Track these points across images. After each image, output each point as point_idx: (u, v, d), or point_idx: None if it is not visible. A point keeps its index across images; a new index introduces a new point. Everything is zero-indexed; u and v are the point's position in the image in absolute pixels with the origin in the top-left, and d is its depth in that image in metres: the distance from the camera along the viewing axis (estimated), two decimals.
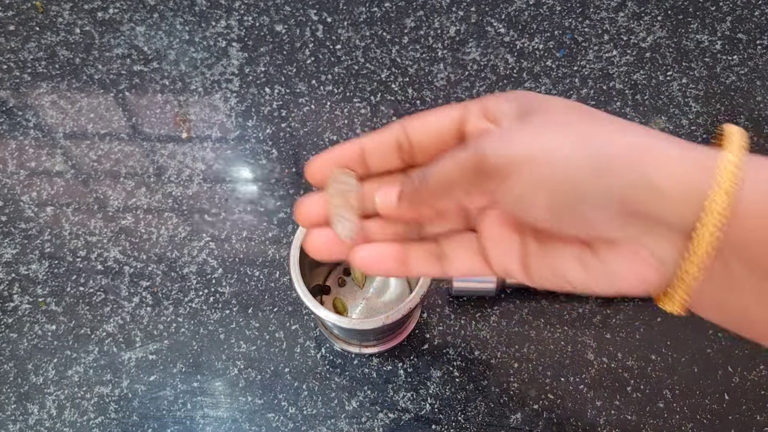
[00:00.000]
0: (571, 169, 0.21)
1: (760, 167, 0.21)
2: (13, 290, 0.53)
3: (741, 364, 0.50)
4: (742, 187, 0.20)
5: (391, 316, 0.40)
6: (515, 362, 0.50)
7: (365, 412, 0.49)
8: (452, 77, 0.62)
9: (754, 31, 0.64)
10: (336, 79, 0.62)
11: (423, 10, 0.65)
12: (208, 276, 0.53)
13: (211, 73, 0.62)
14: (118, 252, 0.55)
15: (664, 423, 0.48)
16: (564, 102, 0.25)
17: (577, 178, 0.21)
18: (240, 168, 0.58)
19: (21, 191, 0.57)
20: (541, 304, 0.52)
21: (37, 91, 0.62)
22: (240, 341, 0.51)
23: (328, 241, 0.28)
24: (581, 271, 0.24)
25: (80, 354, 0.51)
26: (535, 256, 0.26)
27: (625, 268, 0.23)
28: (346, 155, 0.28)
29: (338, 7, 0.65)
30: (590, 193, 0.21)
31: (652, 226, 0.22)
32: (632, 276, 0.23)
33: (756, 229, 0.20)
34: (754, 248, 0.20)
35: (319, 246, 0.28)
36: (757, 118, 0.59)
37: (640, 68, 0.62)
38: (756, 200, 0.20)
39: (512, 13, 0.65)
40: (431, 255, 0.28)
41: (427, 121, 0.27)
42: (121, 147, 0.59)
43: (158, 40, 0.64)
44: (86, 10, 0.66)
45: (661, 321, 0.51)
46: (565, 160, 0.22)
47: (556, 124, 0.23)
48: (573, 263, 0.24)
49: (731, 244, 0.20)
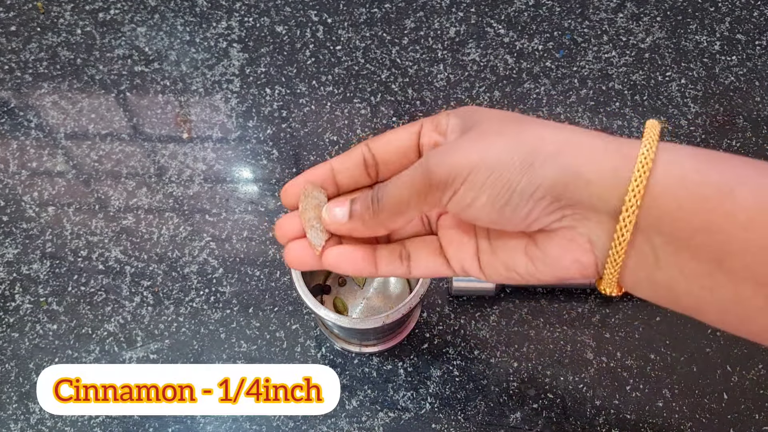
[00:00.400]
0: (505, 169, 0.24)
1: (672, 153, 0.23)
2: (15, 290, 0.53)
3: (740, 364, 0.50)
4: (656, 171, 0.23)
5: (391, 315, 0.41)
6: (515, 362, 0.50)
7: (365, 411, 0.49)
8: (452, 78, 0.62)
9: (752, 31, 0.64)
10: (336, 79, 0.62)
11: (423, 11, 0.65)
12: (209, 276, 0.54)
13: (211, 74, 0.62)
14: (119, 252, 0.55)
15: (663, 422, 0.48)
16: (503, 113, 0.27)
17: (511, 176, 0.24)
18: (241, 168, 0.58)
19: (22, 191, 0.57)
20: (541, 303, 0.52)
21: (39, 92, 0.62)
22: (240, 341, 0.51)
23: (303, 251, 0.30)
24: (528, 263, 0.27)
25: (81, 353, 0.51)
26: (487, 253, 0.28)
27: (564, 254, 0.26)
28: (318, 176, 0.31)
29: (338, 8, 0.66)
30: (524, 188, 0.24)
31: (583, 213, 0.24)
32: (570, 261, 0.26)
33: (670, 206, 0.23)
34: (669, 224, 0.23)
35: (296, 256, 0.31)
36: (756, 118, 0.60)
37: (639, 69, 0.62)
38: (668, 183, 0.23)
39: (512, 13, 0.65)
40: (397, 256, 0.30)
41: (388, 139, 0.30)
42: (122, 147, 0.59)
43: (159, 40, 0.64)
44: (87, 10, 0.66)
45: (660, 320, 0.52)
46: (499, 161, 0.24)
47: (492, 132, 0.25)
48: (520, 256, 0.27)
49: (650, 222, 0.23)
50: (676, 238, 0.23)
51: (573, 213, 0.25)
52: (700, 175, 0.22)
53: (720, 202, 0.22)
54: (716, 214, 0.22)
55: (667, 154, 0.23)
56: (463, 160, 0.25)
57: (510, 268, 0.28)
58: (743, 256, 0.22)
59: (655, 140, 0.23)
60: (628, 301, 0.52)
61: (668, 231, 0.23)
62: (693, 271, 0.23)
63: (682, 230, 0.23)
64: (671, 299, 0.25)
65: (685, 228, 0.23)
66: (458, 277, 0.47)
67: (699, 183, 0.22)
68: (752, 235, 0.21)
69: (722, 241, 0.22)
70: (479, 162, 0.24)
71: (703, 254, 0.23)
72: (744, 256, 0.22)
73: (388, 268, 0.30)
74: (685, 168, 0.23)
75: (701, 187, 0.22)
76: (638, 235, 0.24)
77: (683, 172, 0.23)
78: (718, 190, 0.22)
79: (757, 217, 0.21)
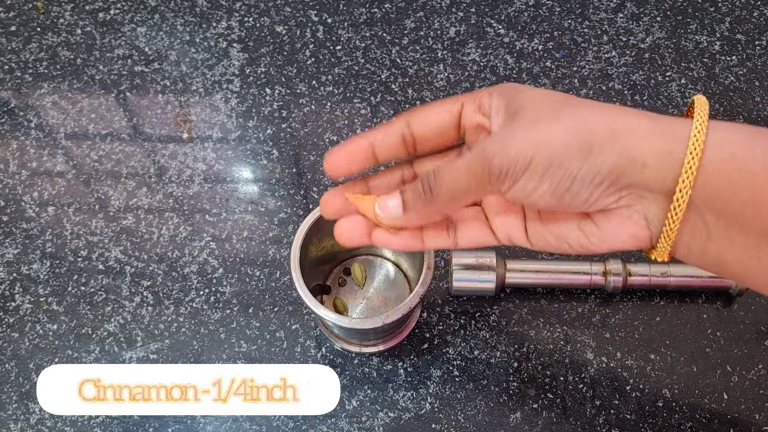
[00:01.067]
0: (565, 158, 0.24)
1: (721, 131, 0.24)
2: (15, 290, 0.53)
3: (740, 364, 0.50)
4: (707, 151, 0.24)
5: (391, 315, 0.41)
6: (515, 362, 0.50)
7: (365, 411, 0.49)
8: (452, 78, 0.62)
9: (752, 31, 0.64)
10: (336, 79, 0.62)
11: (423, 11, 0.65)
12: (209, 276, 0.54)
13: (211, 74, 0.63)
14: (120, 252, 0.55)
15: (663, 422, 0.48)
16: (546, 93, 0.27)
17: (571, 164, 0.25)
18: (241, 168, 0.58)
19: (22, 191, 0.57)
20: (541, 303, 0.52)
21: (39, 92, 0.62)
22: (241, 341, 0.51)
23: (353, 228, 0.31)
24: (581, 236, 0.28)
25: (81, 353, 0.51)
26: (536, 224, 0.29)
27: (621, 230, 0.27)
28: (358, 149, 0.30)
29: (338, 8, 0.66)
30: (585, 175, 0.25)
31: (639, 192, 0.25)
32: (626, 235, 0.27)
33: (721, 183, 0.24)
34: (721, 200, 0.24)
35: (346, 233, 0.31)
36: (756, 118, 0.60)
37: (639, 69, 0.62)
38: (719, 162, 0.24)
39: (512, 13, 0.65)
40: (443, 228, 0.31)
41: (428, 116, 0.30)
42: (122, 147, 0.59)
43: (159, 40, 0.64)
44: (87, 10, 0.66)
45: (660, 320, 0.52)
46: (559, 149, 0.24)
47: (546, 117, 0.25)
48: (574, 230, 0.28)
49: (704, 200, 0.24)
50: (726, 213, 0.24)
51: (629, 193, 0.25)
52: (748, 152, 0.23)
53: (766, 177, 0.23)
54: (764, 189, 0.23)
55: (717, 134, 0.24)
56: (523, 150, 0.25)
57: (561, 240, 0.28)
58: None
59: (705, 119, 0.24)
60: (628, 301, 0.52)
61: (720, 207, 0.24)
62: (742, 242, 0.24)
63: (733, 205, 0.24)
64: (719, 267, 0.26)
65: (735, 203, 0.24)
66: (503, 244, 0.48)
67: (747, 160, 0.23)
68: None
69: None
70: (539, 151, 0.24)
71: (751, 227, 0.24)
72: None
73: (435, 242, 0.31)
74: (734, 145, 0.24)
75: (749, 163, 0.23)
76: (691, 212, 0.25)
77: (732, 150, 0.24)
78: (766, 166, 0.23)
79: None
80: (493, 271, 0.50)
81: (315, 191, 0.57)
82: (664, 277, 0.50)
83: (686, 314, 0.52)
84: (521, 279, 0.51)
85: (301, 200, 0.57)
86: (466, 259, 0.50)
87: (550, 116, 0.25)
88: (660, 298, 0.52)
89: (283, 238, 0.55)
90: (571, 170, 0.25)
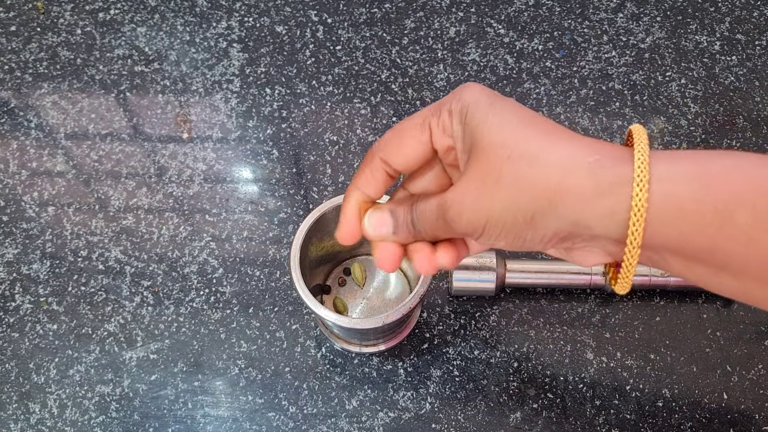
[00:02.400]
0: (513, 227, 0.27)
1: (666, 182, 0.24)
2: (15, 290, 0.53)
3: (740, 364, 0.50)
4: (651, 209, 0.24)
5: (391, 315, 0.41)
6: (515, 361, 0.50)
7: (365, 411, 0.49)
8: (452, 78, 0.62)
9: (752, 31, 0.64)
10: (336, 79, 0.62)
11: (423, 11, 0.65)
12: (209, 276, 0.54)
13: (211, 74, 0.63)
14: (120, 252, 0.55)
15: (663, 422, 0.48)
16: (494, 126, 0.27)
17: (519, 231, 0.27)
18: (241, 168, 0.58)
19: (22, 191, 0.57)
20: (541, 303, 0.52)
21: (39, 92, 0.62)
22: (241, 341, 0.51)
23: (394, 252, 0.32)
24: (556, 254, 0.30)
25: (81, 353, 0.51)
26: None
27: (586, 259, 0.29)
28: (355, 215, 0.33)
29: (338, 8, 0.66)
30: (533, 237, 0.27)
31: (593, 239, 0.27)
32: (593, 262, 0.29)
33: (671, 234, 0.24)
34: (674, 246, 0.25)
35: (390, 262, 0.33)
36: (755, 118, 0.60)
37: (639, 69, 0.62)
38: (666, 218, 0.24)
39: (512, 13, 0.65)
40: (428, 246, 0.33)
41: (403, 152, 0.31)
42: (122, 147, 0.59)
43: (159, 40, 0.64)
44: (87, 10, 0.66)
45: (660, 320, 0.52)
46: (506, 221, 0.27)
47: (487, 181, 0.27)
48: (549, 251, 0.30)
49: (656, 245, 0.25)
50: (683, 254, 0.25)
51: (582, 241, 0.27)
52: (696, 204, 0.24)
53: (720, 227, 0.23)
54: (718, 237, 0.24)
55: (661, 185, 0.24)
56: (474, 220, 0.27)
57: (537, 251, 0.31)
58: (745, 264, 0.24)
59: (645, 176, 0.24)
60: (628, 301, 0.52)
61: (673, 250, 0.25)
62: (701, 272, 0.25)
63: (687, 250, 0.25)
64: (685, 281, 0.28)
65: (689, 248, 0.24)
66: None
67: (697, 211, 0.24)
68: (752, 251, 0.23)
69: (725, 256, 0.24)
70: (489, 221, 0.27)
71: (709, 263, 0.25)
72: (746, 264, 0.24)
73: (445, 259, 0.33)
74: (681, 200, 0.24)
75: (700, 215, 0.24)
76: (648, 251, 0.25)
77: (680, 204, 0.24)
78: (717, 215, 0.23)
79: (755, 234, 0.23)
80: (493, 272, 0.50)
81: (315, 191, 0.57)
82: (664, 277, 0.50)
83: (686, 314, 0.52)
84: (521, 279, 0.51)
85: (301, 200, 0.57)
86: (466, 260, 0.50)
87: (494, 178, 0.26)
88: (660, 298, 0.52)
89: (283, 238, 0.55)
90: (519, 234, 0.27)
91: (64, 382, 0.50)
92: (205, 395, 0.50)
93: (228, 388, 0.50)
